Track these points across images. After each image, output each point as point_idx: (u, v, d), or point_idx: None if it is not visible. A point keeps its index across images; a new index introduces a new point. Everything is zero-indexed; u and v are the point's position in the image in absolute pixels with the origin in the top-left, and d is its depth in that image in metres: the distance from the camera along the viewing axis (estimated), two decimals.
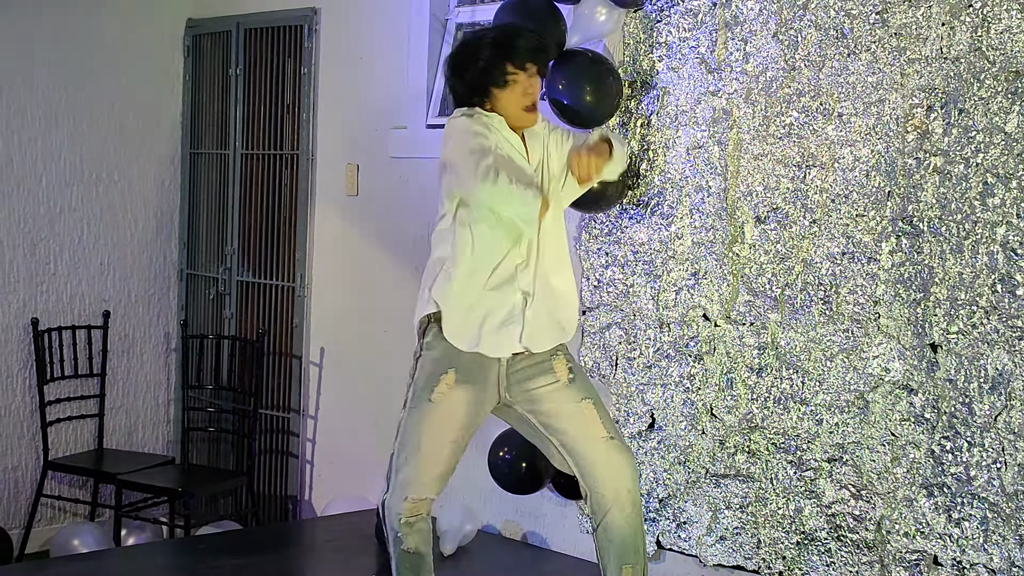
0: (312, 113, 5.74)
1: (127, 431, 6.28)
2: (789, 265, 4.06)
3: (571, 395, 3.51)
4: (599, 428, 3.49)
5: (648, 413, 4.43)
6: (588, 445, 3.48)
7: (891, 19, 3.82)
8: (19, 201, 5.85)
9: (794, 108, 4.05)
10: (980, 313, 3.64)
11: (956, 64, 3.68)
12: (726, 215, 4.22)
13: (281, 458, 5.92)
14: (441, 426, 3.44)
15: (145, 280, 6.32)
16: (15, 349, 5.86)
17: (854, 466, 3.92)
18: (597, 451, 3.48)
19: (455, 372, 3.44)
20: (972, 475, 3.67)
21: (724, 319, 4.23)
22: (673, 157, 4.35)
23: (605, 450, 3.48)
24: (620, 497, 3.47)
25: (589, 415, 3.49)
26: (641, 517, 3.52)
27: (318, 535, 5.14)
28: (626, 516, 3.48)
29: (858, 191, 3.90)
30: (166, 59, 6.31)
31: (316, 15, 5.71)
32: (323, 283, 5.75)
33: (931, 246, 3.74)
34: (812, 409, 4.01)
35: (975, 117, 3.64)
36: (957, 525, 3.70)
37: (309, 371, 5.80)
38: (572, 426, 3.50)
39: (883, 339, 3.85)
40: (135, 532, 5.67)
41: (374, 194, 5.46)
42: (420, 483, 3.44)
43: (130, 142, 6.21)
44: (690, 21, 4.31)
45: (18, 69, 5.80)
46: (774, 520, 4.11)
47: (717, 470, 4.25)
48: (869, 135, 3.87)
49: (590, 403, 3.52)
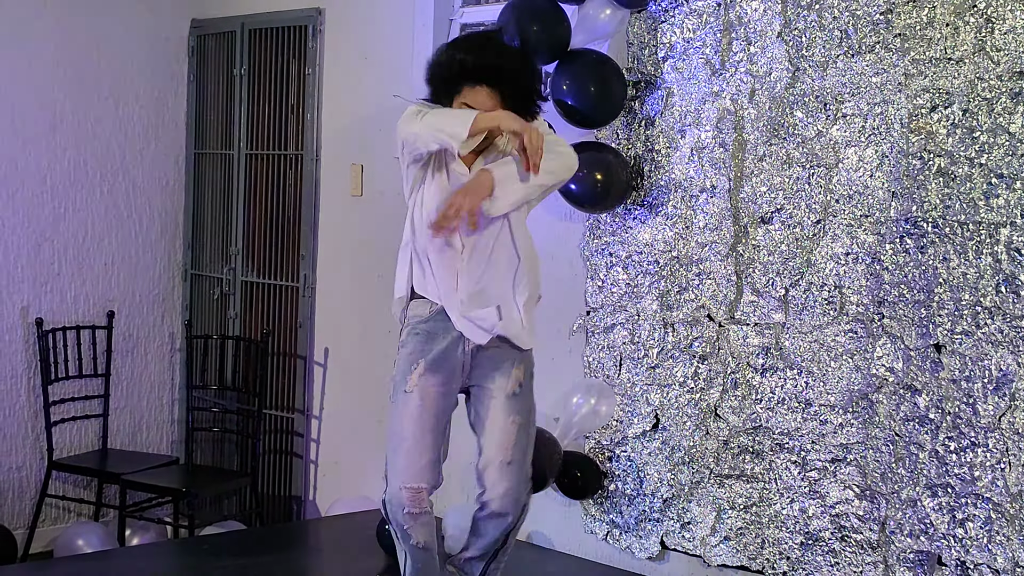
0: (316, 113, 5.75)
1: (131, 431, 6.29)
2: (794, 266, 4.07)
3: (508, 408, 3.55)
4: (507, 452, 3.53)
5: (652, 413, 4.43)
6: (492, 455, 3.54)
7: (895, 20, 3.82)
8: (23, 201, 5.85)
9: (798, 109, 4.05)
10: (984, 314, 3.64)
11: (960, 65, 3.68)
12: (730, 216, 4.22)
13: (285, 458, 5.93)
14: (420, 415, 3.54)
15: (149, 280, 6.33)
16: (20, 349, 5.87)
17: (858, 467, 3.93)
18: (495, 467, 3.54)
19: (423, 363, 3.54)
20: (976, 476, 3.67)
21: (728, 319, 4.23)
22: (677, 158, 4.36)
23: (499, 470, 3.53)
24: (503, 505, 3.54)
25: (507, 436, 3.54)
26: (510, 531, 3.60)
27: (322, 536, 5.14)
28: (496, 523, 3.58)
29: (862, 192, 3.90)
30: (170, 59, 6.32)
31: (320, 16, 5.72)
32: (327, 283, 5.76)
33: (935, 247, 3.74)
34: (816, 410, 4.01)
35: (979, 118, 3.64)
36: (961, 526, 3.70)
37: (313, 371, 5.80)
38: (492, 437, 3.55)
39: (887, 340, 3.85)
40: (139, 532, 5.68)
41: (378, 194, 5.47)
42: (410, 473, 3.50)
43: (134, 142, 6.22)
44: (695, 22, 4.31)
45: (22, 69, 5.81)
46: (778, 520, 4.11)
47: (721, 470, 4.25)
48: (873, 136, 3.88)
49: (516, 424, 3.55)
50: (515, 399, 3.56)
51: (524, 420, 3.57)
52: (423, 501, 3.50)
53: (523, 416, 3.57)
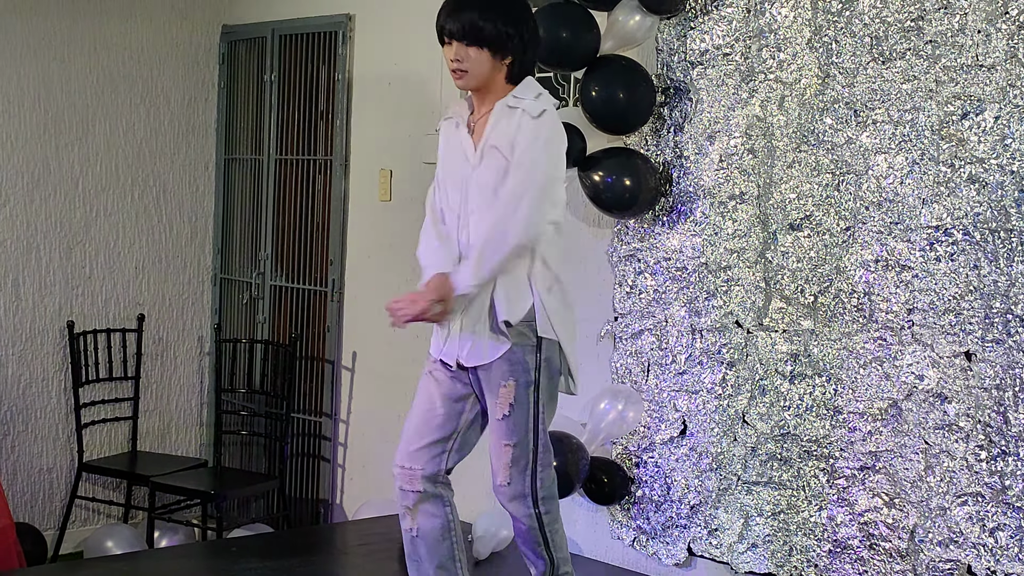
0: (346, 119, 5.76)
1: (161, 434, 6.32)
2: (823, 272, 4.04)
3: (499, 432, 3.48)
4: (503, 474, 3.48)
5: (680, 420, 4.41)
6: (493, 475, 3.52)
7: (926, 27, 3.79)
8: (56, 205, 5.89)
9: (828, 115, 4.03)
10: (1015, 322, 3.61)
11: (992, 72, 3.65)
12: (759, 222, 4.20)
13: (313, 462, 5.94)
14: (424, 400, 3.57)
15: (179, 284, 6.35)
16: (51, 352, 5.90)
17: (887, 474, 3.90)
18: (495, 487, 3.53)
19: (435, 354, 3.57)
20: (1007, 484, 3.64)
21: (757, 326, 4.21)
22: (706, 164, 4.34)
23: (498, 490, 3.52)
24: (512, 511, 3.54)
25: (500, 459, 3.48)
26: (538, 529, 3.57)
27: (349, 539, 5.14)
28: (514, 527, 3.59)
29: (892, 199, 3.88)
30: (201, 65, 6.35)
31: (350, 21, 5.73)
32: (356, 288, 5.77)
33: (966, 254, 3.72)
34: (845, 417, 3.99)
35: (1011, 125, 3.62)
36: (991, 535, 3.67)
37: (341, 375, 5.81)
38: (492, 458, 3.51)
39: (917, 347, 3.83)
40: (168, 534, 5.70)
41: (407, 200, 5.47)
42: (405, 453, 3.56)
43: (165, 147, 6.25)
44: (724, 28, 4.29)
45: (55, 75, 5.85)
46: (806, 528, 4.09)
47: (749, 477, 4.23)
48: (903, 143, 3.85)
49: (509, 447, 3.46)
50: (505, 422, 3.44)
51: (518, 439, 3.44)
52: (415, 482, 3.52)
53: (516, 436, 3.44)
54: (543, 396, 3.46)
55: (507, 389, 3.42)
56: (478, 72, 3.43)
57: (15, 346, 5.79)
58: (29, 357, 5.84)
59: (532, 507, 3.51)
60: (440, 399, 3.54)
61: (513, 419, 3.43)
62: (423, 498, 3.53)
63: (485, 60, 3.42)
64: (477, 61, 3.41)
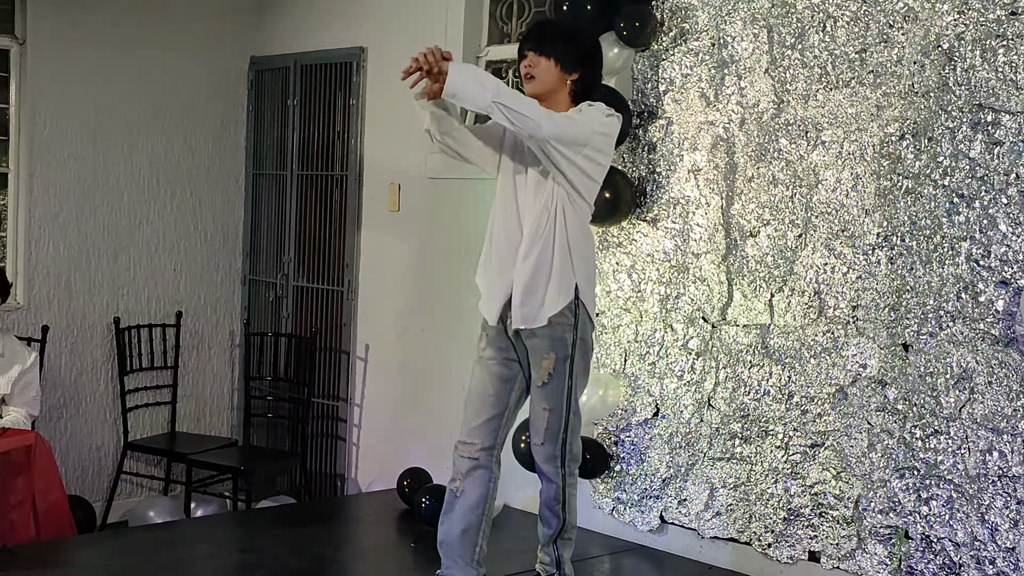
0: (359, 139, 5.76)
1: (196, 416, 6.31)
2: (778, 273, 4.06)
3: (539, 397, 3.53)
4: (539, 435, 3.54)
5: (654, 403, 4.43)
6: (531, 436, 3.57)
7: (869, 58, 3.82)
8: (104, 214, 5.89)
9: (783, 136, 4.05)
10: (946, 317, 3.63)
11: (926, 98, 3.68)
12: (723, 229, 4.22)
13: (331, 441, 5.94)
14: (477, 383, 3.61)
15: (213, 285, 6.35)
16: (100, 344, 5.90)
17: (835, 451, 3.92)
18: (534, 446, 3.57)
19: (485, 338, 3.60)
20: (939, 460, 3.66)
21: (721, 320, 4.23)
22: (677, 178, 4.36)
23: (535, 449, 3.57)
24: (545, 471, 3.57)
25: (539, 421, 3.53)
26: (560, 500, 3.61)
27: (363, 508, 5.15)
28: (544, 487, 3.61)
29: (839, 209, 3.90)
30: (232, 91, 6.34)
31: (364, 53, 5.74)
32: (368, 288, 5.77)
33: (904, 258, 3.74)
34: (798, 400, 4.01)
35: (943, 144, 3.64)
36: (926, 504, 3.69)
37: (356, 365, 5.81)
38: (531, 421, 3.56)
39: (861, 339, 3.85)
40: (203, 505, 5.69)
41: (413, 210, 5.48)
42: (465, 430, 3.60)
43: (200, 163, 6.24)
44: (692, 59, 4.31)
45: (104, 100, 5.84)
46: (764, 498, 4.10)
47: (714, 454, 4.25)
48: (849, 160, 3.87)
49: (547, 411, 3.51)
50: (544, 388, 3.50)
51: (554, 405, 3.50)
52: (474, 452, 3.57)
53: (553, 402, 3.50)
54: (577, 369, 3.51)
55: (548, 360, 3.48)
56: (545, 79, 3.48)
57: (68, 339, 5.79)
58: (80, 349, 5.83)
59: (560, 467, 3.55)
60: (492, 382, 3.58)
61: (551, 386, 3.49)
62: (476, 466, 3.58)
63: (552, 70, 3.47)
64: (545, 69, 3.47)
